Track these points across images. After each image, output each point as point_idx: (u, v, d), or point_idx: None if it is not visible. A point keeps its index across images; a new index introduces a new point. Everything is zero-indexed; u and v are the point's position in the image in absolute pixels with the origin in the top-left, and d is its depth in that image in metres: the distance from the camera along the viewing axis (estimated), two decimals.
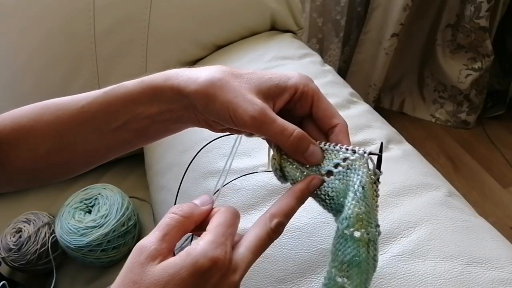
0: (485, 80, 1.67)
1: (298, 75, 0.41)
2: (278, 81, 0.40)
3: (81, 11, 0.81)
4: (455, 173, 1.62)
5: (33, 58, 0.83)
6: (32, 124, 0.44)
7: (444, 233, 0.51)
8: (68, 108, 0.44)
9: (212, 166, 0.66)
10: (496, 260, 0.49)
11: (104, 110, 0.43)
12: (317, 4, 1.54)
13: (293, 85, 0.40)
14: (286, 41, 0.93)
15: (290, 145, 0.38)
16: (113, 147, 0.46)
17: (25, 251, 0.73)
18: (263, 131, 0.38)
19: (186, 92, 0.40)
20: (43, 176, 0.49)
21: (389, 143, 0.67)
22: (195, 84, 0.39)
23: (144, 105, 0.42)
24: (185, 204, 0.37)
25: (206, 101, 0.39)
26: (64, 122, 0.44)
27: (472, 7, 1.48)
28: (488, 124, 1.78)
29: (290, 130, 0.38)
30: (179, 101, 0.41)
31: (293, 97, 0.41)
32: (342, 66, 1.81)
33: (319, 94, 0.41)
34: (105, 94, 0.43)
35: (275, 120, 0.38)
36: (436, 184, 0.60)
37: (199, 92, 0.39)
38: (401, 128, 0.77)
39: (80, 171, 0.49)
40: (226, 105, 0.38)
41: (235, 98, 0.38)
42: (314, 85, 0.42)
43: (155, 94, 0.42)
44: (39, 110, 0.45)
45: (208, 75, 0.39)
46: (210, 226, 0.35)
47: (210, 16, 0.89)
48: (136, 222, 0.78)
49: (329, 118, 0.41)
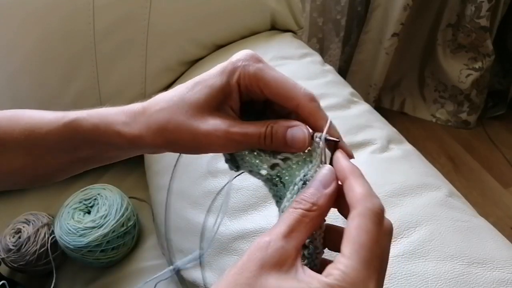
0: (485, 80, 1.67)
1: (235, 62, 0.35)
2: (220, 84, 0.35)
3: (81, 10, 0.81)
4: (456, 173, 1.62)
5: (32, 57, 0.83)
6: (6, 138, 0.42)
7: (444, 233, 0.51)
8: (34, 131, 0.41)
9: (213, 166, 0.66)
10: (496, 260, 0.49)
11: (66, 142, 0.40)
12: (317, 3, 1.53)
13: (235, 81, 0.35)
14: (286, 41, 0.93)
15: (269, 146, 0.34)
16: (89, 165, 0.44)
17: (24, 252, 0.73)
18: (239, 148, 0.35)
19: (143, 145, 0.37)
20: (23, 185, 0.47)
21: (389, 143, 0.67)
22: (150, 137, 0.36)
23: (104, 146, 0.39)
24: (308, 193, 0.30)
25: (167, 149, 0.36)
26: (33, 144, 0.41)
27: (472, 6, 1.48)
28: (489, 124, 1.78)
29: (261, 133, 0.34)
30: (140, 149, 0.38)
31: (241, 91, 0.35)
32: (342, 66, 1.81)
33: (263, 76, 0.34)
34: (64, 128, 0.40)
35: (244, 134, 0.34)
36: (436, 184, 0.59)
37: (156, 144, 0.36)
38: (402, 128, 0.76)
39: (60, 178, 0.47)
40: (188, 144, 0.35)
41: (192, 135, 0.34)
42: (254, 67, 0.34)
43: (113, 143, 0.38)
44: (11, 124, 0.42)
45: (156, 122, 0.36)
46: (348, 248, 0.27)
47: (210, 15, 0.89)
48: (135, 223, 0.78)
49: (284, 100, 0.34)
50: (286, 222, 0.28)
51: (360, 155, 0.63)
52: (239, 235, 0.58)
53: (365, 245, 0.26)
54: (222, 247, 0.59)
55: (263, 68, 0.34)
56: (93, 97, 0.87)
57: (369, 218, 0.27)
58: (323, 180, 0.30)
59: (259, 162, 0.35)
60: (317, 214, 0.29)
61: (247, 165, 0.36)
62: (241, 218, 0.60)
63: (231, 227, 0.59)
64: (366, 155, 0.63)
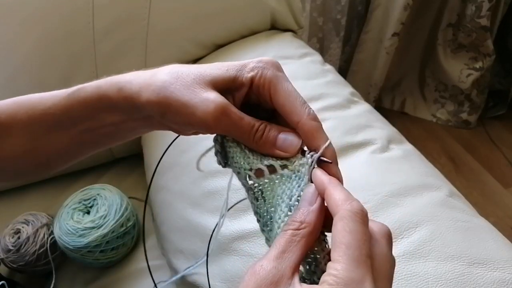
0: (486, 80, 1.67)
1: (256, 63, 0.36)
2: (235, 73, 0.35)
3: (81, 9, 0.81)
4: (456, 173, 1.62)
5: (32, 56, 0.83)
6: (10, 122, 0.43)
7: (445, 233, 0.51)
8: (38, 108, 0.42)
9: (212, 166, 0.65)
10: (497, 260, 0.49)
11: (67, 114, 0.40)
12: (318, 3, 1.53)
13: (248, 77, 0.35)
14: (287, 41, 0.93)
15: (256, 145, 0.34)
16: (85, 147, 0.44)
17: (24, 252, 0.73)
18: (227, 131, 0.35)
19: (139, 103, 0.37)
20: (25, 173, 0.48)
21: (390, 143, 0.67)
22: (147, 93, 0.36)
23: (103, 113, 0.39)
24: (296, 214, 0.30)
25: (162, 110, 0.36)
26: (35, 122, 0.42)
27: (473, 6, 1.48)
28: (489, 124, 1.78)
29: (255, 127, 0.34)
30: (137, 113, 0.38)
31: (252, 90, 0.36)
32: (342, 66, 1.80)
33: (277, 85, 0.35)
34: (67, 98, 0.41)
35: (242, 118, 0.34)
36: (437, 184, 0.59)
37: (151, 102, 0.36)
38: (402, 128, 0.76)
39: (61, 167, 0.47)
40: (183, 109, 0.34)
41: (191, 100, 0.34)
42: (273, 73, 0.35)
43: (112, 104, 0.39)
44: (16, 107, 0.43)
45: (158, 81, 0.36)
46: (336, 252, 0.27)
47: (210, 15, 0.89)
48: (135, 223, 0.78)
49: (288, 114, 0.34)
50: (276, 245, 0.29)
51: (360, 155, 0.63)
52: (239, 235, 0.58)
53: (352, 244, 0.27)
54: (222, 247, 0.59)
55: (280, 77, 0.35)
56: None
57: (350, 218, 0.28)
58: (307, 199, 0.31)
59: (246, 164, 0.35)
60: (308, 231, 0.29)
61: (235, 165, 0.36)
62: (241, 218, 0.60)
63: (231, 227, 0.59)
64: (366, 155, 0.63)
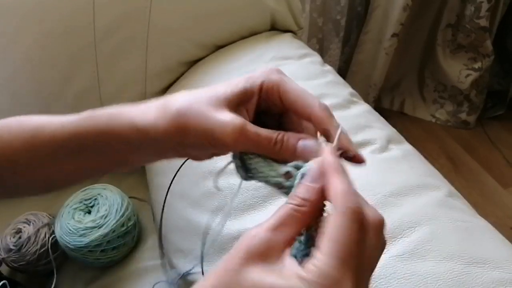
0: (485, 80, 1.67)
1: (260, 72, 0.37)
2: (243, 84, 0.37)
3: (82, 8, 0.81)
4: (455, 173, 1.62)
5: (32, 55, 0.83)
6: (11, 139, 0.42)
7: (444, 233, 0.51)
8: (45, 130, 0.41)
9: (213, 166, 0.66)
10: (496, 260, 0.49)
11: (76, 141, 0.40)
12: (317, 4, 1.53)
13: (257, 84, 0.37)
14: (286, 41, 0.93)
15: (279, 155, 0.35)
16: (94, 170, 0.44)
17: (25, 252, 0.73)
18: (247, 148, 0.36)
19: (156, 135, 0.37)
20: (25, 190, 0.48)
21: (389, 143, 0.67)
22: (164, 124, 0.36)
23: (114, 145, 0.39)
24: (300, 189, 0.30)
25: (180, 137, 0.36)
26: (39, 146, 0.41)
27: (472, 7, 1.48)
28: (488, 124, 1.78)
29: (277, 140, 0.35)
30: (150, 146, 0.38)
31: (261, 97, 0.37)
32: (342, 66, 1.81)
33: (285, 85, 0.36)
34: (77, 124, 0.40)
35: (258, 135, 0.35)
36: (436, 184, 0.60)
37: (169, 132, 0.36)
38: (401, 128, 0.76)
39: (63, 187, 0.47)
40: (201, 133, 0.35)
41: (208, 124, 0.35)
42: (277, 76, 0.37)
43: (124, 138, 0.39)
44: (16, 128, 0.43)
45: (173, 109, 0.36)
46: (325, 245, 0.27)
47: (210, 15, 0.89)
48: (135, 223, 0.78)
49: (301, 110, 0.36)
50: (276, 216, 0.29)
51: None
52: (239, 235, 0.58)
53: (343, 243, 0.27)
54: (222, 247, 0.59)
55: (285, 78, 0.37)
56: (93, 95, 0.87)
57: (348, 216, 0.27)
58: (313, 175, 0.31)
59: (272, 171, 0.35)
60: (308, 210, 0.29)
61: (261, 175, 0.36)
62: (241, 218, 0.60)
63: (231, 227, 0.59)
64: (366, 155, 0.63)
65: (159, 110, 0.37)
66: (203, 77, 0.86)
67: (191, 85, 0.87)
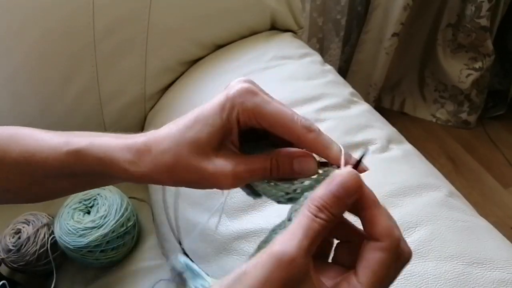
0: (486, 80, 1.67)
1: (230, 99, 0.34)
2: (220, 122, 0.35)
3: (81, 9, 0.80)
4: (456, 173, 1.62)
5: (32, 56, 0.83)
6: (4, 157, 0.42)
7: (444, 233, 0.51)
8: (36, 154, 0.41)
9: None
10: (496, 260, 0.49)
11: (68, 168, 0.40)
12: (318, 3, 1.53)
13: (234, 117, 0.34)
14: (286, 41, 0.93)
15: (276, 176, 0.35)
16: (82, 189, 0.46)
17: (24, 252, 0.73)
18: (247, 182, 0.36)
19: (151, 182, 0.38)
20: (15, 202, 0.48)
21: (389, 143, 0.67)
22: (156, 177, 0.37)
23: (110, 178, 0.40)
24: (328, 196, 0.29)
25: (176, 185, 0.38)
26: (33, 167, 0.41)
27: (472, 6, 1.48)
28: (489, 124, 1.78)
29: (267, 167, 0.35)
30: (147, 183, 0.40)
31: (240, 125, 0.35)
32: (342, 66, 1.80)
33: (260, 112, 0.34)
34: (67, 155, 0.40)
35: (252, 172, 0.35)
36: (436, 184, 0.59)
37: (164, 183, 0.38)
38: (402, 128, 0.76)
39: (57, 198, 0.48)
40: (198, 185, 0.36)
41: (200, 176, 0.35)
42: (250, 100, 0.34)
43: (120, 176, 0.39)
44: (10, 142, 0.42)
45: (162, 162, 0.36)
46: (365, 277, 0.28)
47: (210, 15, 0.89)
48: (135, 223, 0.78)
49: (285, 135, 0.34)
50: (307, 234, 0.27)
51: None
52: (239, 235, 0.58)
53: (382, 278, 0.28)
54: (222, 247, 0.59)
55: (260, 103, 0.34)
56: (93, 95, 0.87)
57: (391, 254, 0.29)
58: (348, 188, 0.29)
59: (280, 192, 0.35)
60: (332, 225, 0.29)
61: (272, 197, 0.36)
62: (241, 218, 0.60)
63: (231, 227, 0.59)
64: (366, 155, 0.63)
65: (148, 163, 0.36)
66: (203, 76, 0.86)
67: (191, 84, 0.87)
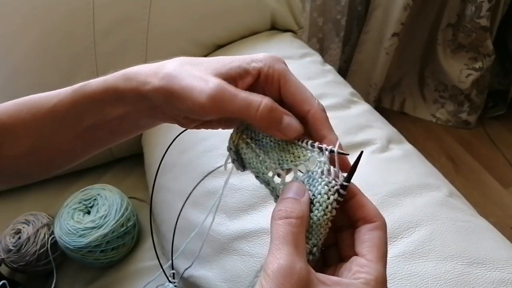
0: (486, 80, 1.67)
1: (264, 56, 0.37)
2: (240, 62, 0.36)
3: (81, 9, 0.81)
4: (456, 173, 1.62)
5: (32, 57, 0.83)
6: (13, 122, 0.43)
7: (445, 233, 0.51)
8: (42, 106, 0.43)
9: (212, 166, 0.66)
10: (497, 260, 0.49)
11: (73, 110, 0.42)
12: (318, 3, 1.53)
13: (256, 67, 0.36)
14: (286, 41, 0.93)
15: (260, 119, 0.34)
16: (91, 144, 0.45)
17: (24, 252, 0.73)
18: (225, 110, 0.34)
19: (145, 92, 0.38)
20: (27, 173, 0.49)
21: (389, 143, 0.67)
22: (153, 81, 0.37)
23: (109, 106, 0.41)
24: (288, 202, 0.32)
25: (165, 96, 0.37)
26: (40, 121, 0.43)
27: (473, 6, 1.48)
28: (489, 124, 1.78)
29: (256, 102, 0.34)
30: (142, 102, 0.39)
31: (258, 80, 0.36)
32: (342, 66, 1.81)
33: (287, 76, 0.36)
34: (73, 94, 0.42)
35: (236, 94, 0.34)
36: (436, 184, 0.59)
37: (156, 90, 0.37)
38: (402, 128, 0.76)
39: (64, 167, 0.48)
40: (183, 93, 0.35)
41: (190, 83, 0.35)
42: (281, 66, 0.37)
43: (118, 96, 0.40)
44: (18, 107, 0.44)
45: (165, 70, 0.37)
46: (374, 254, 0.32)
47: (210, 15, 0.89)
48: (135, 223, 0.78)
49: (299, 103, 0.36)
50: (287, 241, 0.30)
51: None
52: (239, 235, 0.58)
53: (385, 253, 0.32)
54: (222, 247, 0.59)
55: (288, 70, 0.37)
56: None
57: (385, 229, 0.33)
58: (296, 191, 0.33)
59: (264, 168, 0.36)
60: (302, 222, 0.31)
61: (253, 170, 0.37)
62: (241, 218, 0.60)
63: (231, 227, 0.59)
64: (366, 155, 0.63)
65: (153, 69, 0.39)
66: None
67: None
